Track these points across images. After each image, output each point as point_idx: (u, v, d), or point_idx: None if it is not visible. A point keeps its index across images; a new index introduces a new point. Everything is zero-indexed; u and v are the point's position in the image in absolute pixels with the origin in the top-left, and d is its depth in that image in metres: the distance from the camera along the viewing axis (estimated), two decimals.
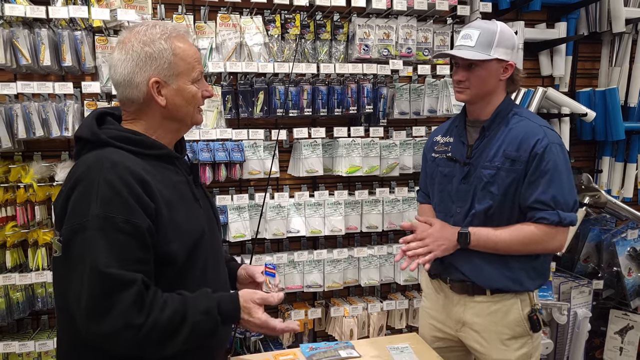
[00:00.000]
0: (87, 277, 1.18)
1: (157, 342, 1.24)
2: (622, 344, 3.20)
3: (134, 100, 1.35)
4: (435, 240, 1.88)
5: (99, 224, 1.18)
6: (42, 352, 2.41)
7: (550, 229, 1.80)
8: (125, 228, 1.20)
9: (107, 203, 1.20)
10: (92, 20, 2.28)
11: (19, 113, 2.26)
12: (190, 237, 1.34)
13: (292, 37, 2.66)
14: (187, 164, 1.50)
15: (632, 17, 3.16)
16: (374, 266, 2.91)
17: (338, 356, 1.84)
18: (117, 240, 1.20)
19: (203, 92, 1.42)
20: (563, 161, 1.81)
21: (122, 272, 1.19)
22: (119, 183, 1.21)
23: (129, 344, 1.21)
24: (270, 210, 2.70)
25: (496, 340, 1.92)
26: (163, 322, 1.23)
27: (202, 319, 1.29)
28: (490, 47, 1.82)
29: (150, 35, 1.33)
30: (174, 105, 1.36)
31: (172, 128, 1.41)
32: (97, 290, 1.17)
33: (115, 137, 1.31)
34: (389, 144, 2.84)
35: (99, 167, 1.23)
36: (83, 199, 1.21)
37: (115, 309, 1.18)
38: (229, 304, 1.37)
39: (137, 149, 1.31)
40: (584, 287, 3.07)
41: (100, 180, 1.21)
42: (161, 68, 1.32)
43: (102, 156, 1.26)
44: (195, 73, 1.38)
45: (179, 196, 1.35)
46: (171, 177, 1.37)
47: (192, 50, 1.38)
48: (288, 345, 2.82)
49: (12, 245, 2.37)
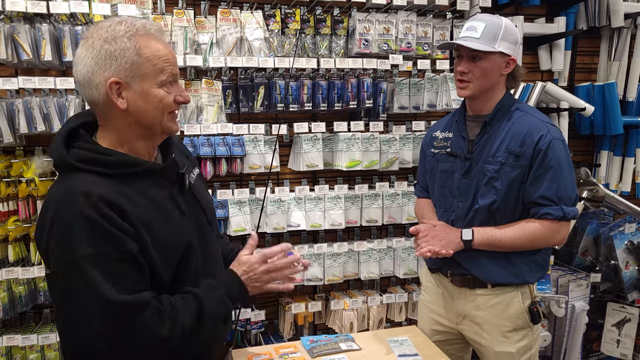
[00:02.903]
0: (100, 312, 1.16)
1: (185, 346, 1.25)
2: (619, 337, 3.22)
3: (95, 102, 1.25)
4: (441, 240, 1.90)
5: (91, 262, 1.15)
6: (44, 345, 2.43)
7: (554, 224, 1.82)
8: (118, 258, 1.18)
9: (93, 238, 1.15)
10: (93, 16, 2.28)
11: (21, 108, 2.26)
12: (175, 254, 1.30)
13: (292, 31, 2.67)
14: (174, 172, 1.39)
15: (630, 11, 3.16)
16: (374, 260, 2.93)
17: (338, 349, 1.86)
18: (115, 271, 1.17)
19: (176, 97, 1.30)
20: (565, 157, 1.84)
21: (133, 297, 1.18)
22: (96, 216, 1.15)
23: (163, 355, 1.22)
24: (271, 205, 2.71)
25: (497, 332, 1.95)
26: (186, 327, 1.24)
27: (216, 309, 1.30)
28: (495, 40, 1.82)
29: (113, 32, 1.22)
30: (136, 109, 1.25)
31: (143, 135, 1.30)
32: (115, 319, 1.16)
33: (85, 160, 1.22)
34: (388, 138, 2.85)
35: (72, 201, 1.17)
36: (65, 240, 1.16)
37: (139, 330, 1.18)
38: (229, 280, 1.38)
39: (109, 171, 1.23)
40: (582, 280, 3.09)
41: (77, 217, 1.15)
42: (122, 68, 1.21)
43: (72, 188, 1.19)
44: (164, 75, 1.26)
45: (162, 213, 1.29)
46: (151, 194, 1.28)
47: (162, 51, 1.26)
48: (289, 338, 2.84)
49: (14, 239, 2.38)
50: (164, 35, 1.32)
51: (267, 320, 2.84)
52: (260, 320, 2.76)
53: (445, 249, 1.85)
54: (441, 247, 1.86)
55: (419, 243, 1.94)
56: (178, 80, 1.33)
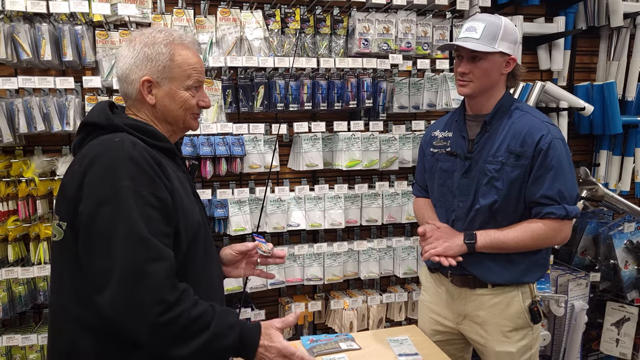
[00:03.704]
0: (122, 245, 1.17)
1: (176, 336, 1.21)
2: (618, 336, 3.23)
3: (129, 95, 1.43)
4: (444, 242, 1.90)
5: (130, 195, 1.20)
6: (44, 345, 2.43)
7: (557, 223, 1.82)
8: (154, 202, 1.23)
9: (135, 177, 1.22)
10: (93, 15, 2.28)
11: (20, 108, 2.26)
12: (192, 227, 1.37)
13: (292, 31, 2.67)
14: (186, 164, 1.55)
15: (630, 11, 3.17)
16: (374, 259, 2.93)
17: (338, 348, 1.86)
18: (148, 213, 1.21)
19: (199, 102, 1.47)
20: (566, 156, 1.84)
21: (159, 243, 1.21)
22: (142, 160, 1.25)
23: (151, 325, 1.17)
24: (271, 204, 2.71)
25: (497, 332, 1.95)
26: (190, 317, 1.21)
27: (223, 330, 1.27)
28: (495, 40, 1.82)
29: (153, 38, 1.40)
30: (163, 106, 1.42)
31: (166, 129, 1.46)
32: (134, 257, 1.17)
33: (128, 125, 1.35)
34: (388, 138, 2.86)
35: (119, 145, 1.26)
36: (107, 174, 1.22)
37: (149, 279, 1.17)
38: (251, 327, 1.36)
39: (147, 139, 1.35)
40: (581, 279, 3.09)
41: (123, 156, 1.23)
42: (155, 69, 1.39)
43: (120, 136, 1.29)
44: (191, 81, 1.43)
45: (182, 188, 1.39)
46: (175, 169, 1.41)
47: (193, 60, 1.44)
48: (288, 338, 2.84)
49: (14, 239, 2.38)
50: (196, 46, 1.50)
51: (267, 319, 2.83)
52: (260, 319, 2.76)
53: (448, 252, 1.87)
54: (444, 250, 1.87)
55: (423, 246, 1.95)
56: (203, 87, 1.50)
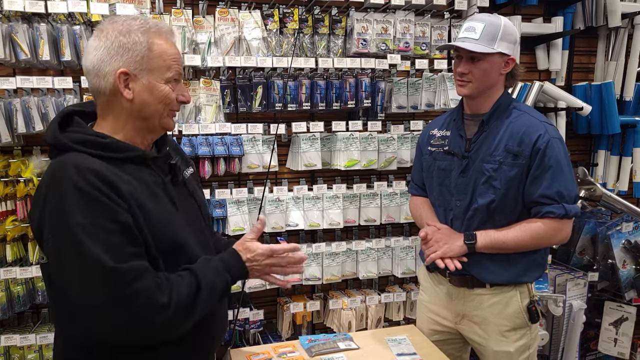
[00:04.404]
0: (94, 279, 1.15)
1: (184, 315, 1.25)
2: (616, 335, 3.24)
3: (101, 91, 1.29)
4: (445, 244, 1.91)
5: (85, 232, 1.14)
6: (43, 345, 2.43)
7: (556, 222, 1.83)
8: (112, 227, 1.17)
9: (85, 209, 1.15)
10: (91, 15, 2.28)
11: (19, 108, 2.26)
12: (167, 241, 1.30)
13: (290, 31, 2.67)
14: (166, 164, 1.42)
15: (627, 11, 3.18)
16: (372, 259, 2.93)
17: (337, 348, 1.86)
18: (110, 241, 1.16)
19: (179, 96, 1.35)
20: (564, 155, 1.85)
21: (129, 264, 1.17)
22: (88, 187, 1.16)
23: (162, 327, 1.22)
24: (269, 204, 2.71)
25: (495, 332, 1.95)
26: (183, 295, 1.24)
27: (214, 279, 1.31)
28: (494, 40, 1.83)
29: (128, 26, 1.28)
30: (141, 101, 1.29)
31: (139, 127, 1.33)
32: (111, 287, 1.15)
33: (77, 141, 1.24)
34: (386, 138, 2.86)
35: (63, 173, 1.18)
36: (58, 208, 1.16)
37: (139, 298, 1.17)
38: (229, 256, 1.40)
39: (102, 153, 1.24)
40: (580, 279, 3.10)
41: (69, 188, 1.15)
42: (132, 60, 1.27)
43: (65, 162, 1.21)
44: (171, 73, 1.32)
45: (153, 197, 1.29)
46: (143, 178, 1.30)
47: (171, 50, 1.32)
48: (287, 337, 2.85)
49: (12, 239, 2.38)
50: (173, 36, 1.37)
51: (265, 319, 2.84)
52: (258, 319, 2.77)
53: (448, 253, 1.88)
54: (444, 252, 1.88)
55: (425, 250, 1.96)
56: (182, 81, 1.38)
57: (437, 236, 1.94)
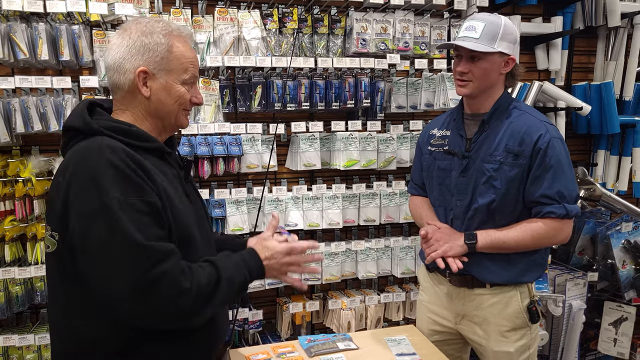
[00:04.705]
0: (125, 255, 1.16)
1: (202, 304, 1.26)
2: (616, 335, 3.24)
3: (120, 86, 1.35)
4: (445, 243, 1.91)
5: (119, 205, 1.16)
6: (41, 345, 2.43)
7: (557, 222, 1.83)
8: (143, 208, 1.20)
9: (120, 186, 1.18)
10: (90, 15, 2.28)
11: (17, 107, 2.26)
12: (180, 229, 1.33)
13: (289, 31, 2.66)
14: (179, 160, 1.49)
15: (627, 11, 3.17)
16: (372, 259, 2.93)
17: (336, 348, 1.86)
18: (141, 220, 1.19)
19: (192, 98, 1.42)
20: (565, 155, 1.84)
21: (159, 244, 1.20)
22: (124, 166, 1.20)
23: (183, 312, 1.22)
24: (269, 204, 2.71)
25: (496, 332, 1.95)
26: (203, 284, 1.26)
27: (233, 274, 1.33)
28: (494, 39, 1.82)
29: (151, 27, 1.34)
30: (157, 99, 1.36)
31: (156, 125, 1.40)
32: (141, 264, 1.17)
33: (107, 127, 1.29)
34: (386, 137, 2.86)
35: (98, 152, 1.21)
36: (90, 185, 1.18)
37: (165, 279, 1.18)
38: (248, 254, 1.42)
39: (129, 141, 1.29)
40: (579, 279, 3.10)
41: (103, 164, 1.18)
42: (152, 60, 1.33)
43: (98, 142, 1.24)
44: (187, 75, 1.38)
45: (173, 187, 1.35)
46: (163, 169, 1.36)
47: (190, 53, 1.39)
48: (286, 337, 2.84)
49: (10, 239, 2.37)
50: (192, 41, 1.45)
51: (264, 319, 2.84)
52: (257, 319, 2.76)
53: (449, 253, 1.87)
54: (445, 251, 1.87)
55: (425, 248, 1.96)
56: (197, 83, 1.45)
57: (437, 235, 1.94)
